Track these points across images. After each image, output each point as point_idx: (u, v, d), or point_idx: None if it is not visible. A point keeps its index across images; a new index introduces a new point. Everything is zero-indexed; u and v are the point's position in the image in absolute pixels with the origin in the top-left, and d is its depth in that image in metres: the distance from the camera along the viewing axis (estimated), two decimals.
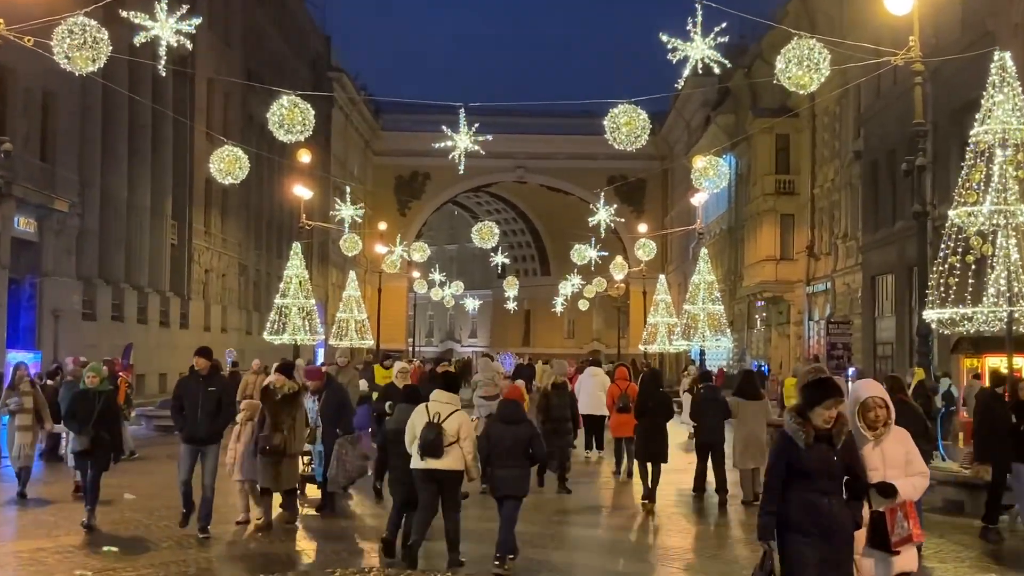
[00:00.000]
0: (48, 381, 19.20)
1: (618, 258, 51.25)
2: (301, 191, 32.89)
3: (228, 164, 22.01)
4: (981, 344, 21.46)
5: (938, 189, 26.00)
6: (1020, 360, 17.65)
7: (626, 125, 18.08)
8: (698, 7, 16.34)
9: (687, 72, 16.80)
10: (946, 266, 15.07)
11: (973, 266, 14.97)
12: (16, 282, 30.00)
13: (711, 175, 26.19)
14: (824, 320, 38.42)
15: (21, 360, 19.40)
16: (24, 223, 29.87)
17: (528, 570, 10.38)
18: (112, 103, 34.22)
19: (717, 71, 17.36)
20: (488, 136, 25.45)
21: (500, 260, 76.93)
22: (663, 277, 44.55)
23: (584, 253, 49.60)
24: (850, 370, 29.90)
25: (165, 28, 16.14)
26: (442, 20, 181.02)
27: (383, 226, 56.52)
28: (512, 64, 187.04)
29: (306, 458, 14.28)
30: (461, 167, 25.26)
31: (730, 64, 18.64)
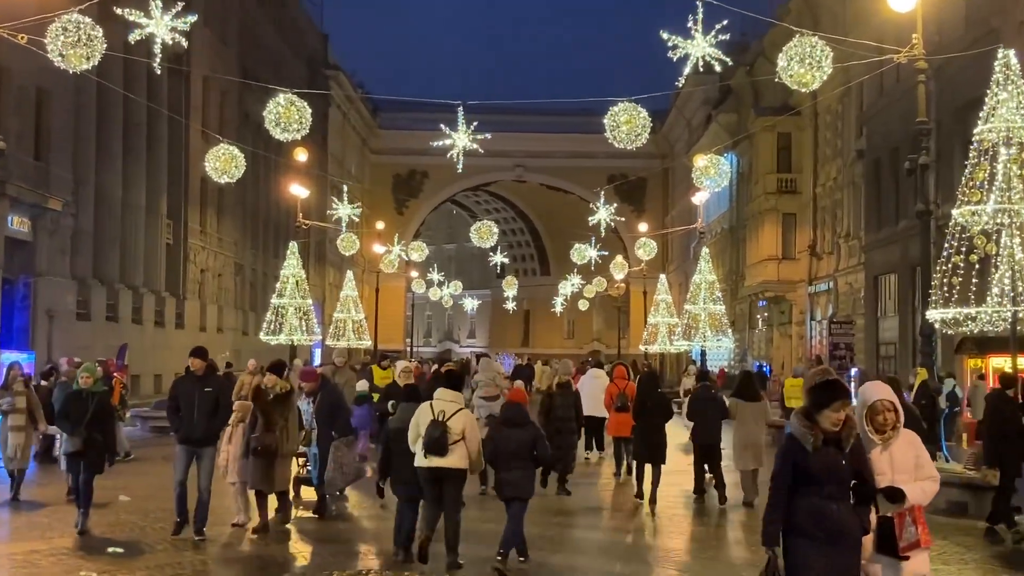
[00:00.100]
0: (42, 382, 19.22)
1: (618, 257, 51.27)
2: (298, 190, 32.91)
3: (224, 163, 22.03)
4: (985, 344, 21.52)
5: (941, 188, 26.03)
6: None
7: (626, 123, 18.12)
8: (699, 4, 16.41)
9: (688, 70, 16.84)
10: (949, 266, 15.10)
11: (977, 266, 14.98)
12: (10, 282, 30.03)
13: (712, 174, 26.21)
14: (826, 320, 38.47)
15: (15, 360, 19.40)
16: (18, 222, 29.88)
17: (528, 572, 10.41)
18: (107, 101, 34.23)
19: (718, 69, 17.39)
20: (487, 134, 25.49)
21: (499, 260, 76.90)
22: (664, 277, 44.57)
23: (584, 253, 49.62)
24: (853, 371, 29.98)
25: (160, 25, 16.17)
26: (440, 17, 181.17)
27: (381, 225, 56.52)
28: (511, 62, 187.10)
29: (301, 460, 14.32)
30: (459, 166, 25.32)
31: (731, 62, 18.67)
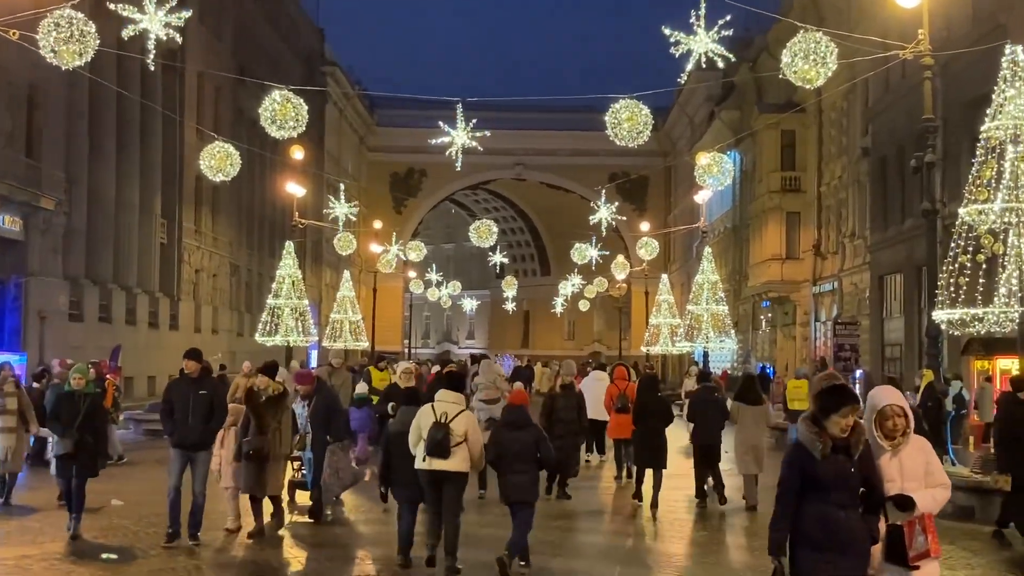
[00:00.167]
0: (34, 384, 19.18)
1: (619, 257, 51.25)
2: (294, 188, 32.90)
3: (219, 161, 21.97)
4: (992, 346, 21.48)
5: (948, 186, 26.01)
6: None
7: (628, 121, 18.06)
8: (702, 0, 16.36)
9: (690, 66, 16.82)
10: (956, 265, 15.06)
11: (984, 265, 14.95)
12: (1, 282, 30.00)
13: (715, 172, 26.17)
14: (831, 321, 38.42)
15: (6, 360, 19.36)
16: (9, 221, 29.84)
17: None
18: (100, 98, 34.18)
19: (721, 65, 17.37)
20: (486, 132, 25.46)
21: (498, 259, 76.93)
22: (666, 277, 44.59)
23: (585, 252, 49.60)
24: (857, 372, 29.94)
25: (154, 21, 16.12)
26: (439, 13, 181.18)
27: (378, 225, 56.49)
28: (511, 58, 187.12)
29: (296, 464, 14.26)
30: (458, 164, 25.27)
31: (734, 58, 18.70)
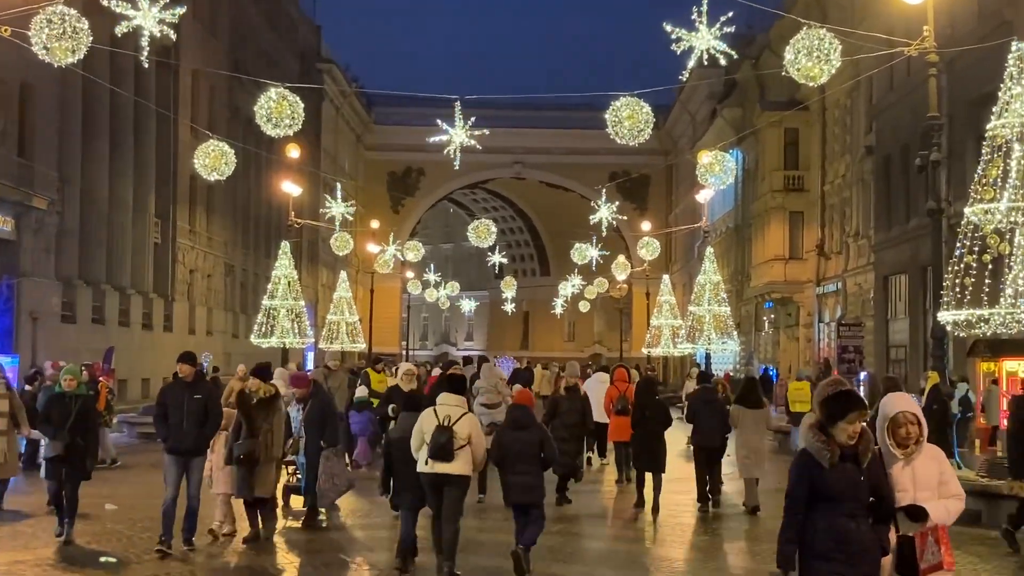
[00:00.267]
0: (27, 386, 19.17)
1: (620, 257, 51.23)
2: (290, 188, 32.86)
3: (213, 159, 21.96)
4: (998, 347, 21.42)
5: (953, 185, 26.00)
6: None
7: (628, 119, 18.05)
8: None
9: (692, 63, 16.83)
10: (962, 266, 15.06)
11: (990, 266, 14.95)
12: None
13: (717, 171, 26.16)
14: (835, 322, 38.43)
15: None
16: (1, 221, 29.86)
17: None
18: (93, 96, 34.20)
19: (723, 62, 17.36)
20: (485, 130, 25.41)
21: (497, 260, 76.84)
22: (667, 277, 44.53)
23: (585, 252, 49.59)
24: (862, 374, 29.94)
25: (148, 17, 16.09)
26: (437, 9, 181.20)
27: (375, 224, 56.46)
28: (510, 56, 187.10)
29: (291, 468, 14.23)
30: (456, 163, 25.25)
31: (737, 55, 18.67)
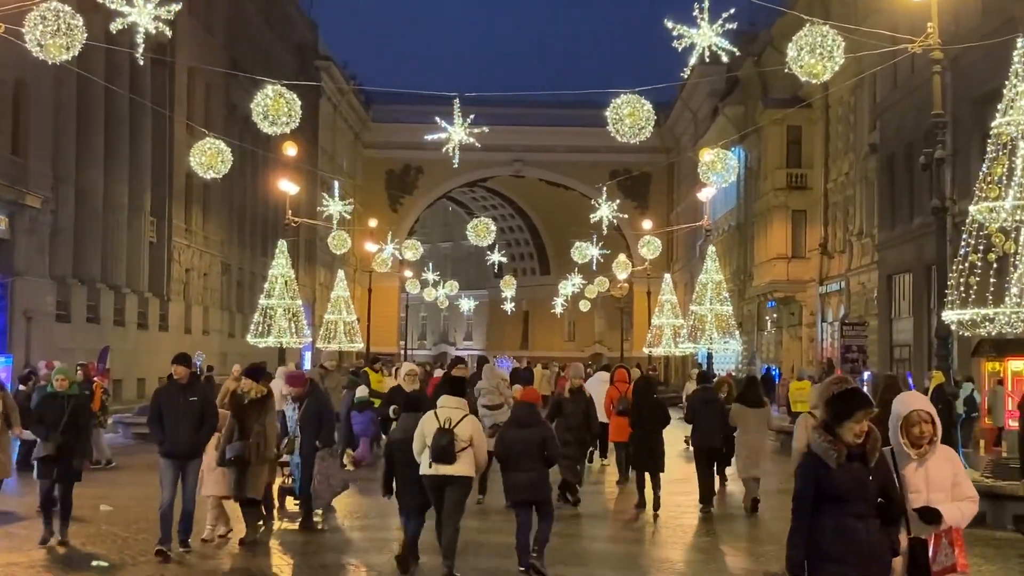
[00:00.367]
0: (20, 386, 19.20)
1: (621, 256, 51.23)
2: (287, 186, 32.87)
3: (210, 157, 21.96)
4: (1003, 347, 21.46)
5: (958, 183, 26.02)
6: None
7: (629, 116, 18.07)
8: None
9: (694, 60, 16.82)
10: (966, 264, 15.07)
11: (995, 264, 14.95)
12: None
13: (719, 169, 26.18)
14: (838, 321, 38.46)
15: None
16: None
17: None
18: (87, 94, 34.19)
19: (725, 59, 17.35)
20: (484, 128, 25.43)
21: (497, 259, 76.88)
22: (668, 276, 44.56)
23: (585, 251, 49.56)
24: (865, 374, 29.98)
25: (143, 14, 16.09)
26: (435, 5, 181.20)
27: (373, 223, 56.48)
28: (509, 52, 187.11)
29: (286, 470, 14.20)
30: (455, 161, 25.26)
31: (739, 52, 18.67)
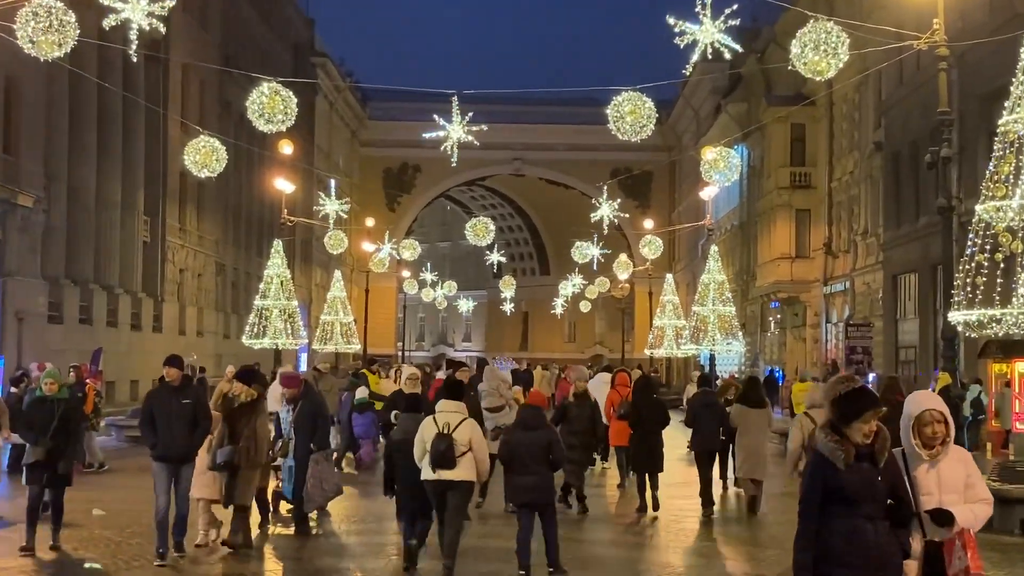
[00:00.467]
0: (12, 388, 19.18)
1: (622, 256, 51.25)
2: (283, 185, 32.92)
3: (204, 156, 21.97)
4: (1011, 348, 21.43)
5: (964, 182, 26.02)
6: None
7: (631, 114, 18.07)
8: None
9: (696, 57, 16.86)
10: (973, 264, 15.06)
11: (1002, 264, 14.92)
12: None
13: (722, 167, 26.20)
14: (843, 322, 38.47)
15: None
16: None
17: None
18: (80, 91, 34.18)
19: (728, 56, 17.39)
20: (483, 126, 25.44)
21: (496, 259, 76.90)
22: (670, 277, 44.59)
23: (586, 251, 49.57)
24: (870, 376, 30.00)
25: (136, 10, 16.08)
26: (433, 2, 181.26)
27: (371, 222, 56.49)
28: (509, 52, 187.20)
29: (279, 473, 14.18)
30: (454, 159, 25.25)
31: (742, 49, 18.65)
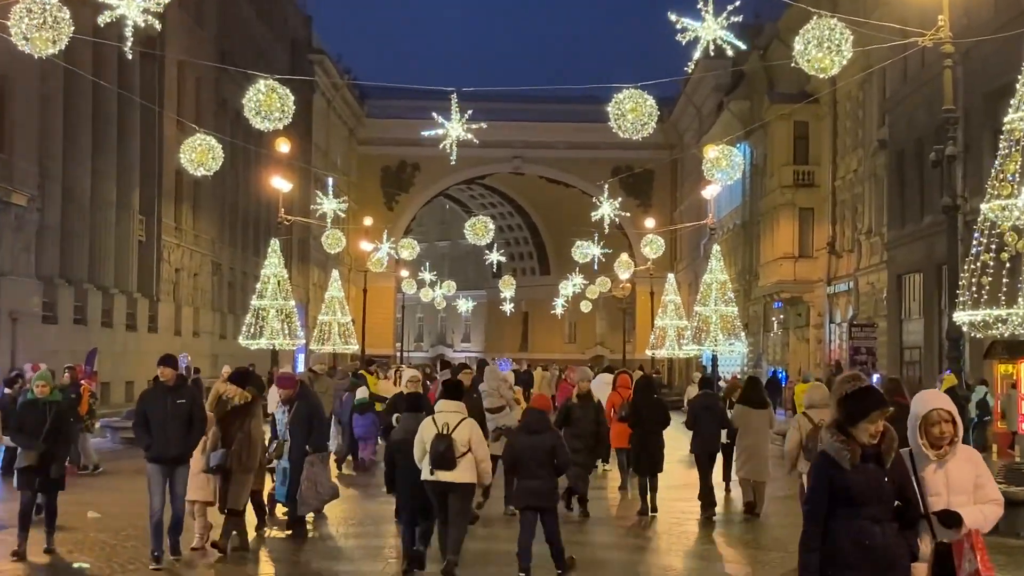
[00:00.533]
0: (6, 390, 19.16)
1: (623, 256, 51.26)
2: (280, 183, 32.90)
3: (200, 154, 21.96)
4: (1016, 348, 21.48)
5: (969, 180, 26.04)
6: None
7: (632, 112, 18.06)
8: None
9: (698, 54, 16.85)
10: (978, 264, 15.07)
11: (1008, 264, 14.94)
12: None
13: (724, 166, 26.20)
14: (846, 323, 38.46)
15: None
16: None
17: None
18: (74, 88, 34.17)
19: (730, 53, 17.36)
20: (482, 123, 25.40)
21: (495, 258, 76.89)
22: (672, 276, 44.58)
23: (586, 251, 49.60)
24: (875, 377, 29.99)
25: (132, 7, 16.06)
26: (435, 5, 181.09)
27: (369, 221, 56.49)
28: (509, 52, 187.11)
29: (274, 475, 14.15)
30: (453, 157, 25.22)
31: (744, 46, 18.66)
